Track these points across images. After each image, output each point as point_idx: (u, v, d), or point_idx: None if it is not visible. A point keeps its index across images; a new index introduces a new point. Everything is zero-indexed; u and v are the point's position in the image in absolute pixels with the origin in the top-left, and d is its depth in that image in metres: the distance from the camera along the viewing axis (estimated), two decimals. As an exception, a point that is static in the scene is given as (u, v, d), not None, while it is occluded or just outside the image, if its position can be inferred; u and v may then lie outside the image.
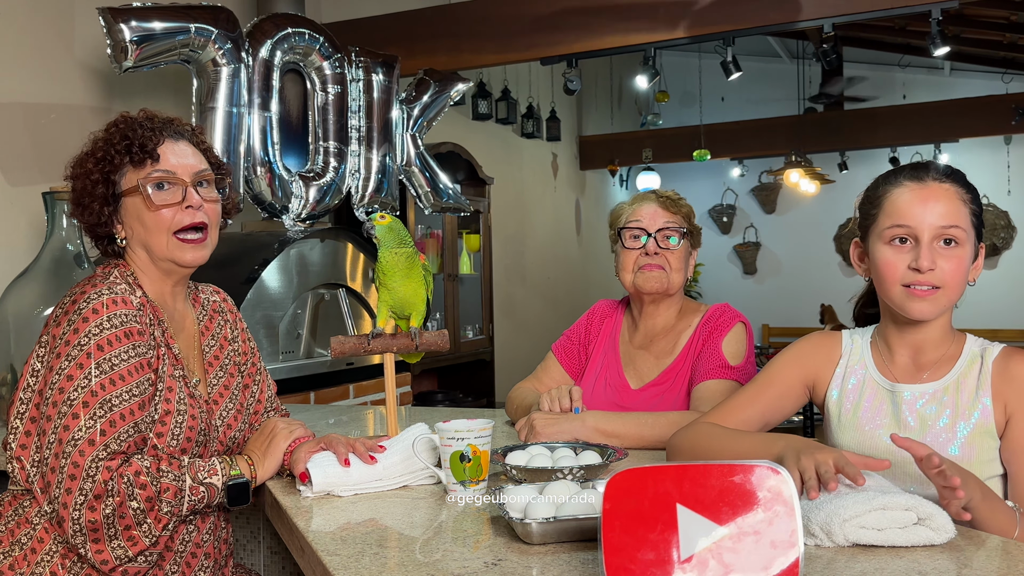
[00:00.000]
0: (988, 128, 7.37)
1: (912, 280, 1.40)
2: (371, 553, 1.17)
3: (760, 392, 1.57)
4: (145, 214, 1.50)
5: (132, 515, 1.34)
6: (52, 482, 1.33)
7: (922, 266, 1.38)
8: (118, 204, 1.51)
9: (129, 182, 1.50)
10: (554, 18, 3.85)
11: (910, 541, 1.09)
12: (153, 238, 1.51)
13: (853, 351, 1.54)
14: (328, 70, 3.41)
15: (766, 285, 9.38)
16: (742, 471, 0.90)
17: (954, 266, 1.39)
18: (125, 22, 2.72)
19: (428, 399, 4.90)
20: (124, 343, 1.40)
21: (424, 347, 1.85)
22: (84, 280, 1.49)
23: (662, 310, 2.04)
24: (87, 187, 1.50)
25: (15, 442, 1.43)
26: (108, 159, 1.49)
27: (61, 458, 1.32)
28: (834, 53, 5.02)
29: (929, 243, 1.39)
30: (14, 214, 2.87)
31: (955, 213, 1.39)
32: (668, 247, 1.98)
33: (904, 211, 1.41)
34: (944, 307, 1.42)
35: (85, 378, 1.35)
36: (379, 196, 3.58)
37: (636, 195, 2.11)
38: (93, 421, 1.34)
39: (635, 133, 8.53)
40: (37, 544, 1.40)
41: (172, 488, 1.38)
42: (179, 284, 1.59)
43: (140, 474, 1.35)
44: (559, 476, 1.42)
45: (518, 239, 6.72)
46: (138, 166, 1.50)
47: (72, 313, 1.40)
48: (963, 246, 1.40)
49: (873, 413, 1.47)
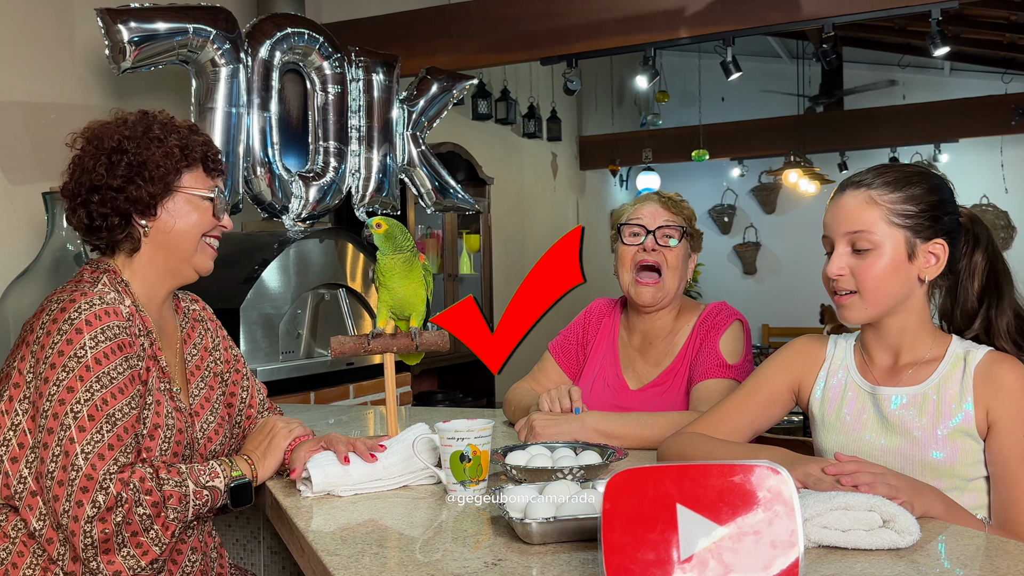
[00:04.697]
0: (988, 128, 7.37)
1: (832, 288, 1.46)
2: (371, 553, 1.17)
3: (748, 398, 1.59)
4: (193, 216, 1.53)
5: (139, 520, 1.33)
6: (60, 496, 1.31)
7: (829, 271, 1.44)
8: (170, 194, 1.51)
9: (196, 182, 1.53)
10: (554, 18, 3.85)
11: (874, 544, 1.09)
12: (187, 240, 1.53)
13: (836, 354, 1.56)
14: (328, 70, 3.41)
15: (766, 285, 9.38)
16: (742, 471, 0.90)
17: (864, 270, 1.41)
18: (123, 23, 2.72)
19: (428, 399, 4.90)
20: (118, 355, 1.38)
21: (424, 347, 1.85)
22: (71, 285, 1.45)
23: (659, 316, 2.04)
24: (160, 163, 1.48)
25: (6, 455, 1.39)
26: (188, 153, 1.52)
27: (71, 471, 1.30)
28: (834, 53, 5.02)
29: (841, 250, 1.43)
30: (14, 214, 2.87)
31: (859, 219, 1.41)
32: (667, 245, 1.98)
33: (826, 220, 1.46)
34: (869, 311, 1.44)
35: (87, 391, 1.34)
36: (380, 196, 3.58)
37: (639, 196, 2.11)
38: (101, 435, 1.32)
39: (635, 133, 8.53)
40: (17, 559, 1.38)
41: (176, 495, 1.37)
42: (172, 291, 1.59)
43: (144, 480, 1.34)
44: (559, 476, 1.42)
45: (518, 239, 6.71)
46: (211, 175, 1.56)
47: (62, 323, 1.37)
48: (877, 249, 1.41)
49: (856, 415, 1.48)
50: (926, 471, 1.39)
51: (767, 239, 9.43)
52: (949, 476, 1.38)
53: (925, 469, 1.39)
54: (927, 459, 1.39)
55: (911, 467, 1.40)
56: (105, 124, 1.53)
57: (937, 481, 1.37)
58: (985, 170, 8.21)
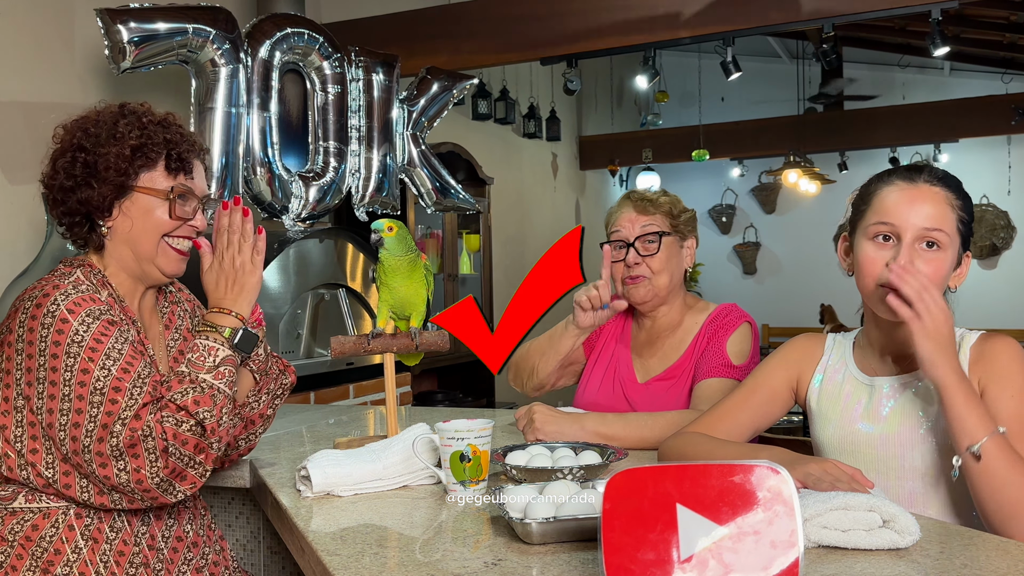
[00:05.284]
0: (988, 128, 7.37)
1: (888, 279, 1.40)
2: (371, 553, 1.17)
3: (748, 397, 1.60)
4: (152, 216, 1.49)
5: (191, 433, 1.35)
6: (106, 462, 1.32)
7: (900, 264, 1.39)
8: (126, 195, 1.48)
9: (153, 181, 1.49)
10: (554, 18, 3.85)
11: (874, 544, 1.09)
12: (145, 242, 1.50)
13: (834, 351, 1.58)
14: (328, 70, 3.41)
15: (766, 285, 9.38)
16: (742, 471, 0.90)
17: (932, 269, 1.39)
18: (123, 23, 2.72)
19: (428, 399, 4.90)
20: (112, 331, 1.39)
21: (424, 347, 1.85)
22: (42, 281, 1.44)
23: (661, 313, 2.05)
24: (111, 165, 1.45)
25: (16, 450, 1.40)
26: (145, 152, 1.48)
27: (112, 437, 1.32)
28: (834, 53, 5.02)
29: (910, 243, 1.39)
30: (14, 214, 2.87)
31: (941, 216, 1.39)
32: (648, 252, 1.98)
33: (890, 209, 1.41)
34: None
35: (102, 368, 1.35)
36: (380, 196, 3.58)
37: (618, 200, 2.11)
38: (133, 400, 1.34)
39: (635, 133, 8.52)
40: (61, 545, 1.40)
41: (201, 399, 1.37)
42: (148, 289, 1.58)
43: (166, 407, 1.35)
44: (559, 476, 1.42)
45: (518, 239, 6.71)
46: (171, 173, 1.51)
47: (43, 317, 1.37)
48: (945, 251, 1.40)
49: (852, 407, 1.50)
50: (925, 454, 1.40)
51: (767, 239, 9.43)
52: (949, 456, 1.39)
53: (925, 452, 1.40)
54: (928, 442, 1.40)
55: (911, 452, 1.41)
56: (79, 119, 1.52)
57: (937, 463, 1.38)
58: (987, 170, 8.20)
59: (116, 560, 1.43)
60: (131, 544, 1.45)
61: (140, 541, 1.47)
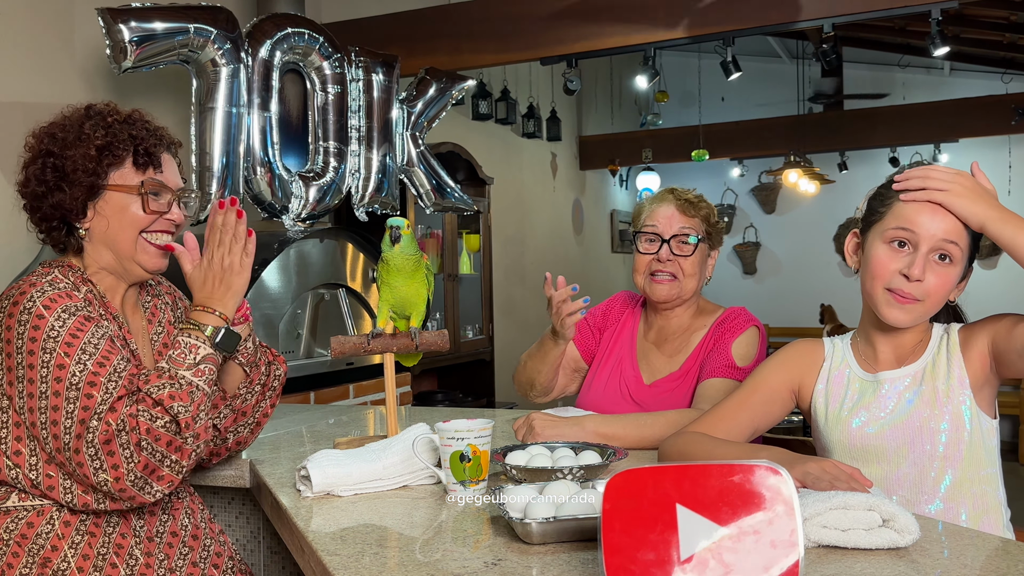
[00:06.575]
0: (988, 128, 7.36)
1: (898, 286, 1.43)
2: (371, 553, 1.17)
3: (747, 398, 1.60)
4: (127, 213, 1.49)
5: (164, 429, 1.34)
6: (83, 461, 1.32)
7: (912, 273, 1.41)
8: (99, 195, 1.49)
9: (124, 179, 1.49)
10: (554, 18, 3.85)
11: (874, 543, 1.09)
12: (123, 240, 1.50)
13: (835, 354, 1.59)
14: (328, 70, 3.41)
15: (766, 285, 9.37)
16: (742, 471, 0.90)
17: (940, 282, 1.42)
18: (124, 22, 2.72)
19: (428, 399, 4.90)
20: (88, 326, 1.39)
21: (424, 347, 1.85)
22: (22, 280, 1.45)
23: (676, 314, 2.05)
24: (79, 167, 1.46)
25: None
26: (111, 151, 1.48)
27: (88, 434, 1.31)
28: (834, 53, 5.01)
29: (926, 253, 1.41)
30: (14, 214, 2.86)
31: (958, 230, 1.42)
32: (682, 253, 1.98)
33: (912, 217, 1.42)
34: (918, 319, 1.46)
35: (78, 363, 1.35)
36: (379, 196, 3.58)
37: (657, 193, 2.08)
38: (108, 394, 1.34)
39: (635, 133, 8.52)
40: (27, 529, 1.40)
41: (178, 394, 1.37)
42: (130, 287, 1.58)
43: (142, 402, 1.34)
44: (559, 476, 1.42)
45: (518, 239, 6.71)
46: (140, 168, 1.51)
47: (19, 315, 1.37)
48: (955, 265, 1.43)
49: (860, 405, 1.51)
50: (935, 442, 1.43)
51: (767, 239, 9.43)
52: (956, 444, 1.42)
53: (935, 440, 1.43)
54: (937, 429, 1.43)
55: (920, 439, 1.44)
56: (46, 125, 1.52)
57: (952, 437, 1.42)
58: (987, 170, 7.92)
59: (115, 552, 1.43)
60: (130, 537, 1.46)
61: (139, 532, 1.48)
